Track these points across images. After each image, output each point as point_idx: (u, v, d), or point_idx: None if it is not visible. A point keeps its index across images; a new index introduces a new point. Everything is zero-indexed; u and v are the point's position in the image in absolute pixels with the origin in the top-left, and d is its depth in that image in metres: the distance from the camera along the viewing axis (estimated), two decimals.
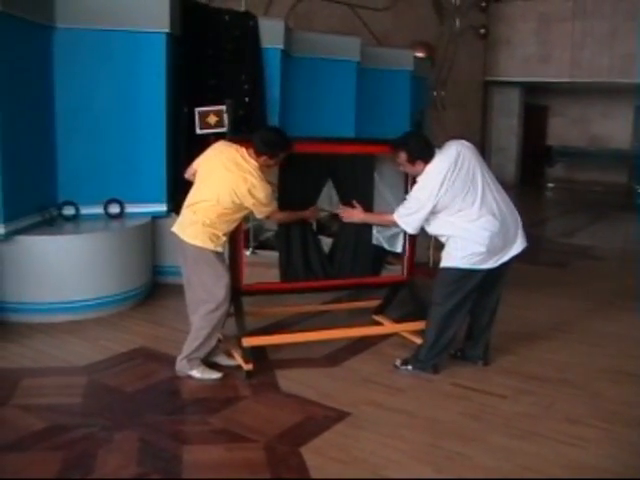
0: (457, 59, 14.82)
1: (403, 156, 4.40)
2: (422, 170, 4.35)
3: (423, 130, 9.86)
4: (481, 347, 4.71)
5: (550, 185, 18.32)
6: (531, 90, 17.65)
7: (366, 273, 5.14)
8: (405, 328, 5.09)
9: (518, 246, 4.47)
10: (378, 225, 4.96)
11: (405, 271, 5.21)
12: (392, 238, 5.14)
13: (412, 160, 4.38)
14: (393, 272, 5.40)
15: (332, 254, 5.04)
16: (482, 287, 4.46)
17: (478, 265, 4.33)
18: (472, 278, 4.37)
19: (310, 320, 5.50)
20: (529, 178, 18.02)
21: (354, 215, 4.78)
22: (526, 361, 4.85)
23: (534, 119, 18.31)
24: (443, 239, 4.48)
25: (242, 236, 4.77)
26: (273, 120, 7.34)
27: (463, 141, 4.51)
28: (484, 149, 17.46)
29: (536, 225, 11.99)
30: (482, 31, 15.77)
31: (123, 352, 4.81)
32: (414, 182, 4.48)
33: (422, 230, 4.51)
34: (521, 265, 7.87)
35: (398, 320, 5.31)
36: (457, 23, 14.75)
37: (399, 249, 5.19)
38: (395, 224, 4.52)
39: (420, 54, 11.94)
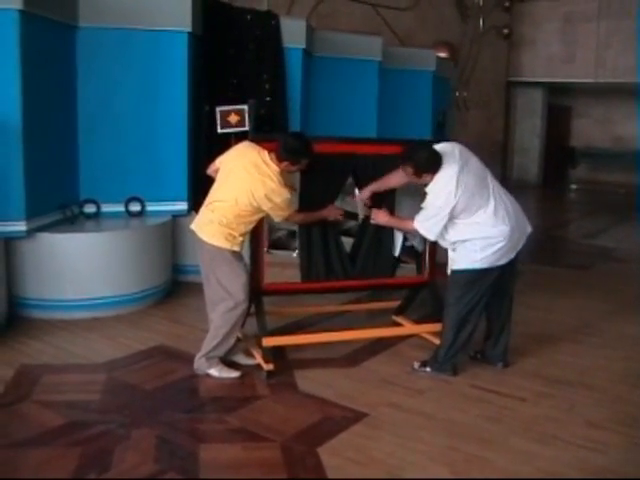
0: (480, 59, 14.75)
1: (410, 170, 4.35)
2: (431, 180, 4.31)
3: (444, 131, 9.83)
4: (500, 348, 4.68)
5: (573, 186, 18.17)
6: (555, 90, 17.50)
7: (387, 274, 5.12)
8: (425, 329, 5.06)
9: (525, 235, 4.48)
10: (399, 229, 4.92)
11: (426, 272, 5.19)
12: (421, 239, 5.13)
13: (419, 173, 4.34)
14: (408, 271, 5.37)
15: (353, 255, 5.02)
16: (495, 285, 4.44)
17: (495, 263, 4.32)
18: (488, 277, 4.36)
19: (330, 320, 5.49)
20: (552, 179, 17.88)
21: (380, 217, 4.76)
22: (547, 364, 4.80)
23: (557, 120, 18.17)
24: (455, 246, 4.43)
25: (264, 236, 4.78)
26: (295, 119, 7.35)
27: (456, 143, 4.51)
28: (507, 150, 17.37)
29: (559, 227, 11.91)
30: (505, 31, 15.66)
31: (142, 350, 4.83)
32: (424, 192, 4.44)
33: None
34: (543, 267, 7.93)
35: (418, 321, 5.28)
36: (480, 23, 14.68)
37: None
38: (415, 231, 4.49)
39: (443, 54, 11.90)
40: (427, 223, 4.35)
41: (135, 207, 6.14)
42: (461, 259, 4.38)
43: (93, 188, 6.00)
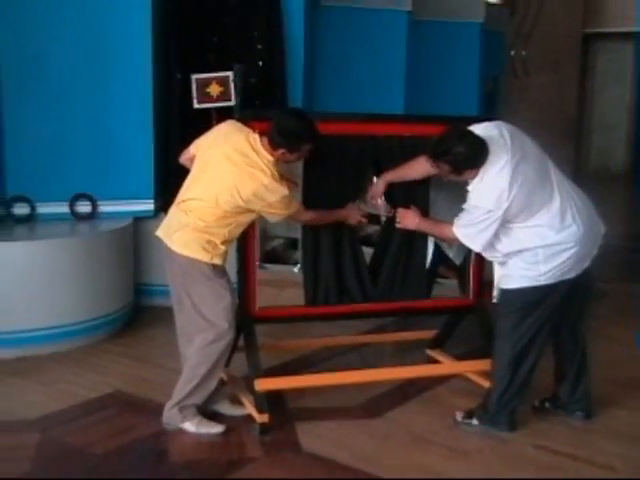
0: (546, 4, 14.73)
1: (446, 168, 4.32)
2: (475, 175, 4.29)
3: (495, 104, 9.84)
4: (579, 394, 4.68)
5: None
6: None
7: (419, 295, 5.13)
8: (471, 368, 5.05)
9: (600, 238, 4.45)
10: (434, 236, 4.93)
11: (471, 292, 5.20)
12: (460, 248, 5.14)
13: (459, 171, 4.32)
14: (448, 290, 5.39)
15: (374, 270, 5.02)
16: (564, 306, 4.45)
17: (563, 277, 4.32)
18: (554, 296, 4.34)
19: (343, 356, 5.53)
20: None
21: (408, 220, 4.75)
22: None
23: None
24: (508, 258, 4.43)
25: (254, 243, 4.77)
26: (296, 91, 7.36)
27: (501, 122, 4.47)
28: (582, 128, 17.32)
29: None
30: None
31: (91, 399, 4.83)
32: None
33: None
34: (633, 286, 7.88)
35: (461, 357, 5.29)
36: None
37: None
38: (454, 239, 4.48)
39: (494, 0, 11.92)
40: (471, 230, 4.33)
41: (83, 207, 6.19)
42: (517, 274, 4.36)
43: (24, 182, 6.04)
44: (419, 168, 4.66)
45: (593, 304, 4.84)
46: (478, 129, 4.33)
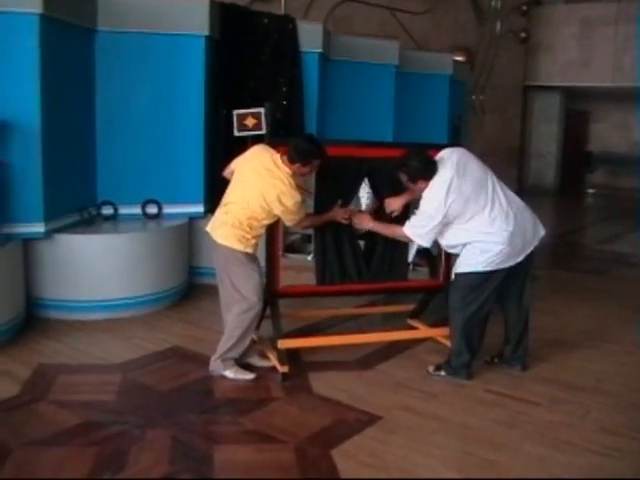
0: (497, 63, 14.70)
1: (404, 177, 4.38)
2: (425, 187, 4.30)
3: (460, 135, 9.81)
4: (520, 352, 4.68)
5: (590, 191, 18.05)
6: (572, 95, 17.40)
7: (402, 278, 5.12)
8: (439, 333, 5.04)
9: (537, 238, 4.44)
10: (388, 236, 4.85)
11: (442, 276, 5.18)
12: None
13: (413, 180, 4.34)
14: (424, 275, 5.37)
15: (368, 258, 5.00)
16: (504, 287, 4.43)
17: (500, 265, 4.31)
18: (493, 279, 4.34)
19: (344, 323, 5.50)
20: (569, 184, 17.78)
21: (363, 222, 4.73)
22: (562, 369, 4.77)
23: (575, 124, 18.07)
24: (457, 250, 4.43)
25: (280, 238, 4.79)
26: (311, 123, 7.36)
27: (458, 148, 4.50)
28: (523, 155, 17.28)
29: (575, 232, 11.86)
30: (523, 35, 15.56)
31: (158, 351, 4.85)
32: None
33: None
34: (559, 272, 7.89)
35: (433, 325, 5.27)
36: (497, 27, 14.62)
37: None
38: (406, 237, 4.47)
39: (459, 58, 11.86)
40: (419, 230, 4.34)
41: (152, 209, 6.18)
42: (464, 262, 4.37)
43: (111, 190, 6.05)
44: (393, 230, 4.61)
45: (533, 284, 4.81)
46: (441, 152, 4.41)
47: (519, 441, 3.72)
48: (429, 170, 4.28)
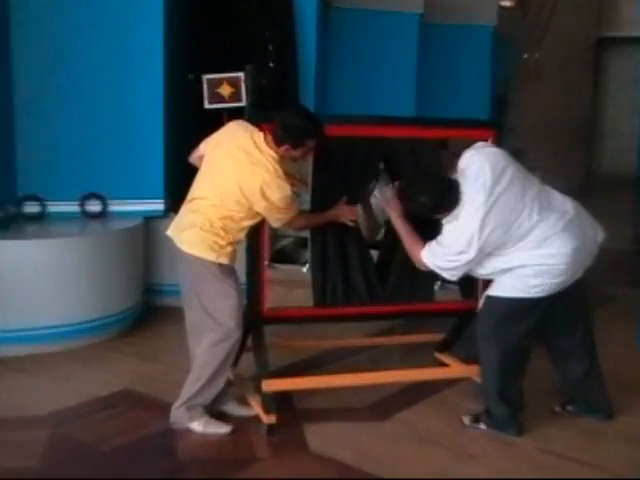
0: (559, 8, 14.66)
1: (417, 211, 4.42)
2: (447, 215, 4.29)
3: (506, 107, 9.82)
4: (594, 395, 4.68)
5: None
6: None
7: (427, 298, 5.16)
8: (478, 371, 5.04)
9: (596, 245, 4.40)
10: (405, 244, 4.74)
11: (479, 296, 5.17)
12: None
13: (430, 215, 4.36)
14: (454, 294, 5.39)
15: (383, 271, 5.02)
16: (558, 312, 4.43)
17: (554, 290, 4.28)
18: (540, 306, 4.33)
19: (351, 357, 5.53)
20: None
21: (392, 205, 4.61)
22: None
23: None
24: (499, 276, 4.41)
25: (265, 244, 4.78)
26: (307, 92, 7.39)
27: (486, 149, 4.47)
28: (595, 133, 17.24)
29: None
30: None
31: (101, 396, 4.85)
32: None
33: None
34: (634, 290, 7.83)
35: (469, 360, 5.26)
36: None
37: None
38: (424, 266, 4.43)
39: (507, 2, 11.89)
40: (443, 263, 4.31)
41: (93, 206, 6.21)
42: (508, 283, 4.32)
43: (36, 182, 6.08)
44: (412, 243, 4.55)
45: (596, 308, 4.79)
46: (464, 158, 4.35)
47: None
48: (446, 205, 4.25)
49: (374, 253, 5.13)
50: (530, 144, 11.29)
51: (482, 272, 4.41)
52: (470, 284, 5.20)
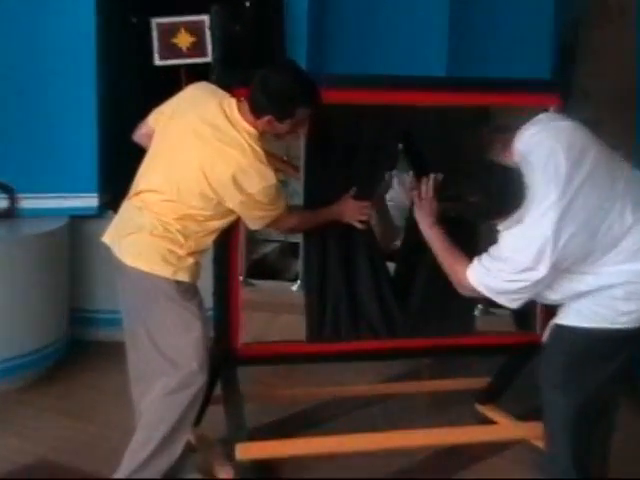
0: None
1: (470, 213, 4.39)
2: (505, 218, 4.26)
3: (575, 60, 9.82)
4: None
5: None
6: None
7: (465, 330, 5.19)
8: (537, 432, 5.06)
9: None
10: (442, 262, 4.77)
11: (538, 326, 5.19)
12: None
13: (489, 218, 4.33)
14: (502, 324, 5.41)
15: (404, 293, 5.04)
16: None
17: None
18: (632, 342, 4.28)
19: (359, 411, 5.57)
20: None
21: (423, 211, 4.56)
22: None
23: None
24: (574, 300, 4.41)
25: (240, 252, 4.79)
26: (298, 42, 7.40)
27: (546, 119, 4.40)
28: None
29: None
30: None
31: (11, 471, 4.84)
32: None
33: None
34: None
35: (523, 416, 5.29)
36: None
37: None
38: (472, 290, 4.34)
39: None
40: (501, 285, 4.21)
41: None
42: (587, 308, 4.25)
43: None
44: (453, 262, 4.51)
45: None
46: (524, 141, 4.25)
47: None
48: (509, 204, 4.14)
49: (390, 266, 5.13)
50: (608, 113, 11.31)
51: (553, 297, 4.33)
52: (527, 309, 5.22)
